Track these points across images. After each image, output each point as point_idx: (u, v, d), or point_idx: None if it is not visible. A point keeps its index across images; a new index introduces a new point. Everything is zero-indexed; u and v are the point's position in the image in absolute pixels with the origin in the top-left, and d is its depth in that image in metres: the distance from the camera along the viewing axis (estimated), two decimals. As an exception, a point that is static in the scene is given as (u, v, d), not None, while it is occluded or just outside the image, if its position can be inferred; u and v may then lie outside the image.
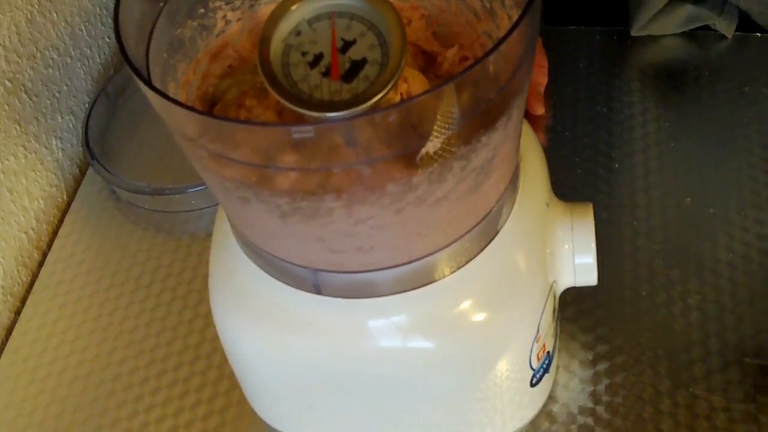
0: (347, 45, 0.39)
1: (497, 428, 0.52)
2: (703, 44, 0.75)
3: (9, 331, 0.66)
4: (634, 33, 0.75)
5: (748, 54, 0.74)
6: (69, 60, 0.76)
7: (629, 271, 0.61)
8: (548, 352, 0.51)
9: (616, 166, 0.68)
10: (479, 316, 0.46)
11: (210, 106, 0.44)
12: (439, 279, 0.44)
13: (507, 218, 0.46)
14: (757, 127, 0.69)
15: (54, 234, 0.72)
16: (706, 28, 0.74)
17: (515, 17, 0.38)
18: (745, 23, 0.74)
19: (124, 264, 0.68)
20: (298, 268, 0.44)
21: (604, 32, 0.77)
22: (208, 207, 0.70)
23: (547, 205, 0.50)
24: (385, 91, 0.37)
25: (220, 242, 0.49)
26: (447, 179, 0.39)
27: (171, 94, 0.43)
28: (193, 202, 0.70)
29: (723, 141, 0.68)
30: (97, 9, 0.80)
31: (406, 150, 0.37)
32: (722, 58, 0.74)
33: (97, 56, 0.80)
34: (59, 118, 0.75)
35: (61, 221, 0.73)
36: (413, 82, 0.41)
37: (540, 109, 0.69)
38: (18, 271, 0.69)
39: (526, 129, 0.52)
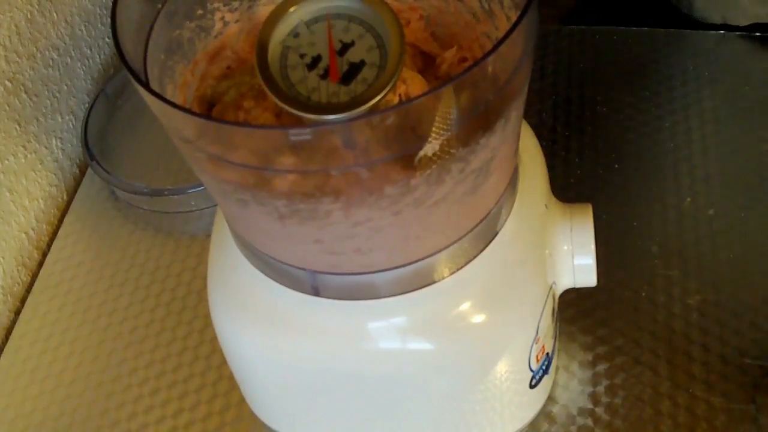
0: (345, 47, 0.39)
1: (497, 429, 0.52)
2: (703, 44, 0.75)
3: (9, 332, 0.66)
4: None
5: (746, 52, 0.73)
6: (69, 60, 0.76)
7: (629, 272, 0.61)
8: (547, 353, 0.51)
9: (616, 166, 0.68)
10: (478, 318, 0.46)
11: (208, 108, 0.44)
12: (439, 280, 0.44)
13: (506, 220, 0.46)
14: (758, 125, 0.69)
15: (54, 234, 0.72)
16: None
17: (514, 18, 0.38)
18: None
19: (123, 265, 0.68)
20: (297, 270, 0.44)
21: (604, 32, 0.77)
22: (207, 208, 0.70)
23: (546, 206, 0.50)
24: (383, 94, 0.37)
25: (218, 243, 0.49)
26: (445, 181, 0.39)
27: (169, 95, 0.43)
28: (192, 202, 0.70)
29: (723, 140, 0.68)
30: (97, 9, 0.80)
31: (404, 152, 0.37)
32: (722, 58, 0.74)
33: (97, 56, 0.80)
34: (59, 118, 0.75)
35: (61, 221, 0.73)
36: (412, 83, 0.41)
37: None
38: (18, 271, 0.69)
39: (526, 130, 0.52)
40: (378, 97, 0.37)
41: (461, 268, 0.45)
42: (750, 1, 0.72)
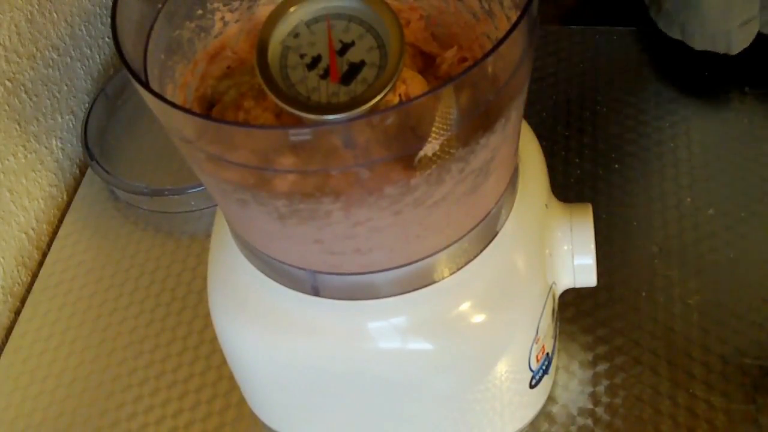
0: (345, 47, 0.39)
1: (496, 429, 0.52)
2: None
3: (9, 332, 0.66)
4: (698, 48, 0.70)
5: (744, 52, 0.73)
6: (69, 60, 0.76)
7: (629, 272, 0.61)
8: (547, 353, 0.51)
9: (616, 166, 0.68)
10: (478, 318, 0.46)
11: (209, 108, 0.44)
12: (439, 280, 0.44)
13: (506, 219, 0.46)
14: (758, 125, 0.69)
15: (54, 234, 0.72)
16: None
17: (514, 18, 0.38)
18: None
19: (123, 265, 0.68)
20: (297, 270, 0.43)
21: (604, 32, 0.77)
22: (207, 208, 0.70)
23: (546, 206, 0.50)
24: (383, 94, 0.37)
25: (218, 243, 0.49)
26: (445, 181, 0.39)
27: (169, 95, 0.43)
28: (192, 202, 0.70)
29: (723, 140, 0.68)
30: (97, 9, 0.80)
31: (404, 152, 0.37)
32: (723, 57, 0.73)
33: (97, 56, 0.80)
34: (59, 118, 0.75)
35: (61, 221, 0.73)
36: (412, 83, 0.41)
37: None
38: (18, 271, 0.69)
39: (526, 130, 0.52)
40: (378, 97, 0.37)
41: (461, 268, 0.45)
42: (721, 13, 0.69)
